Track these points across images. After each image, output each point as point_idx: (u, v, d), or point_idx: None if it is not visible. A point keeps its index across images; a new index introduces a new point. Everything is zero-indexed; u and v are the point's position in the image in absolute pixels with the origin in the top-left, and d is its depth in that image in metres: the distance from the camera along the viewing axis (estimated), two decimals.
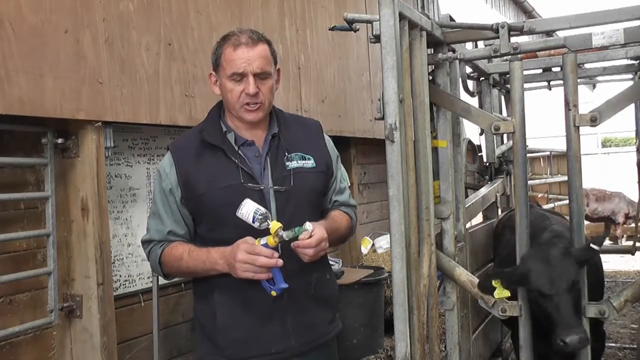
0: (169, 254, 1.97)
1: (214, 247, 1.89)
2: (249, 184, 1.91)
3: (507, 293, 2.48)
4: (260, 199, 1.89)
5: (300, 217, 1.85)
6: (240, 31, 1.96)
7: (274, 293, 1.80)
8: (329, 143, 2.15)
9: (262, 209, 1.80)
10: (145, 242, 2.05)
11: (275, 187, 1.94)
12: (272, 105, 2.04)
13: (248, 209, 1.79)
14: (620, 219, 10.23)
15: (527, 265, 2.48)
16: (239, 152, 1.97)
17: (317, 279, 2.01)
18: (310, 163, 2.02)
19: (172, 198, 1.97)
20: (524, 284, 2.49)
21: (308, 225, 1.79)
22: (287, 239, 1.77)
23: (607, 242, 11.01)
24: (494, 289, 2.48)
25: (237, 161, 1.93)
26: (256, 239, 1.80)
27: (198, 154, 1.97)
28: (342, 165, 2.20)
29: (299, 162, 2.01)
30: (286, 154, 2.00)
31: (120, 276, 3.43)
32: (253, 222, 1.78)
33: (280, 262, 1.78)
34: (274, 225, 1.77)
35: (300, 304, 1.96)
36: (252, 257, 1.77)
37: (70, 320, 3.03)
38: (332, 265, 4.81)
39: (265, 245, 1.78)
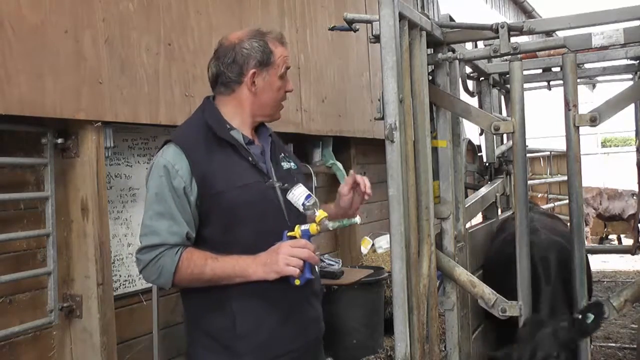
0: (189, 259, 1.78)
1: (224, 250, 1.82)
2: (268, 183, 1.91)
3: None
4: (275, 197, 1.91)
5: (303, 215, 1.89)
6: (267, 29, 1.99)
7: (297, 282, 1.82)
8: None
9: (313, 197, 1.85)
10: (151, 247, 1.79)
11: (284, 185, 1.93)
12: None
13: (300, 192, 1.85)
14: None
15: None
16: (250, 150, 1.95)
17: (317, 275, 2.02)
18: (292, 164, 2.08)
19: (185, 198, 1.81)
20: None
21: (357, 219, 1.91)
22: (331, 229, 1.83)
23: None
24: None
25: (250, 159, 1.90)
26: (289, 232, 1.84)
27: (207, 148, 1.85)
28: None
29: (287, 163, 2.05)
30: (281, 154, 2.05)
31: (120, 276, 3.43)
32: (302, 205, 1.83)
33: (320, 261, 1.81)
34: (321, 213, 1.82)
35: (307, 300, 1.98)
36: (297, 250, 1.77)
37: (70, 320, 3.03)
38: (332, 265, 4.86)
39: (307, 231, 1.82)
